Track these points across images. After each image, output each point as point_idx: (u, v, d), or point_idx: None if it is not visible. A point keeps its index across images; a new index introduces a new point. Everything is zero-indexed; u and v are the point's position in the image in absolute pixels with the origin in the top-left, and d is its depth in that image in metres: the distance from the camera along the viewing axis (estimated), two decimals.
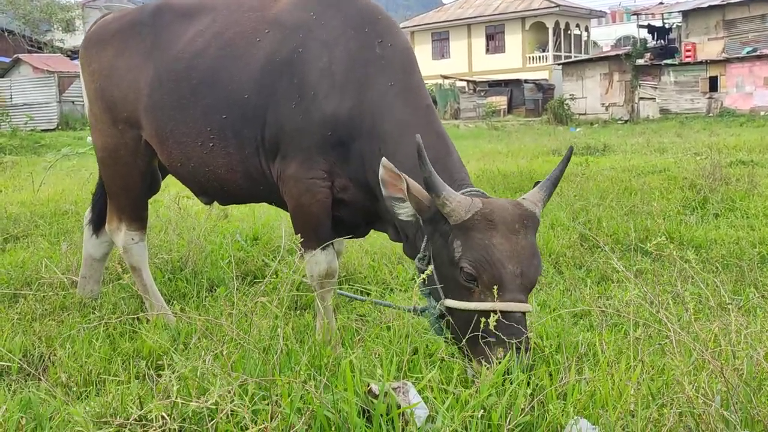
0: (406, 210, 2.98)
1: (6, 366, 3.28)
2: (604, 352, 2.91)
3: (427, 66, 41.07)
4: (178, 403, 2.28)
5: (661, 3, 37.03)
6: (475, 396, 2.42)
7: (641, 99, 33.33)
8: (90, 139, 4.50)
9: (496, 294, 2.67)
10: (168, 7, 3.94)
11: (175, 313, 3.77)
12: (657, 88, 32.85)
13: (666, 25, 36.17)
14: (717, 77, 31.15)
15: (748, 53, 30.36)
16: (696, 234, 5.80)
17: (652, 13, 36.65)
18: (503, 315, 2.64)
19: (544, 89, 38.28)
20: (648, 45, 34.97)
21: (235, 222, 6.79)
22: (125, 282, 4.45)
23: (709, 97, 31.19)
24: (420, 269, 3.01)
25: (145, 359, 3.36)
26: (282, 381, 2.40)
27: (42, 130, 25.55)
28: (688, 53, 31.88)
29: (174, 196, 6.53)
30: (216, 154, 3.65)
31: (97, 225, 4.38)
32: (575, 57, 40.01)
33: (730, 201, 7.11)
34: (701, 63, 31.58)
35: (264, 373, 2.55)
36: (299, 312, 4.25)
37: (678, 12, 33.61)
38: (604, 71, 34.52)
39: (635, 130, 24.42)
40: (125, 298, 4.42)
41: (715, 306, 3.05)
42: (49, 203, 7.86)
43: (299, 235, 3.34)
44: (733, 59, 30.66)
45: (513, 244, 2.76)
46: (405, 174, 2.93)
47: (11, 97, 28.96)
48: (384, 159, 2.94)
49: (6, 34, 35.94)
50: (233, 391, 2.29)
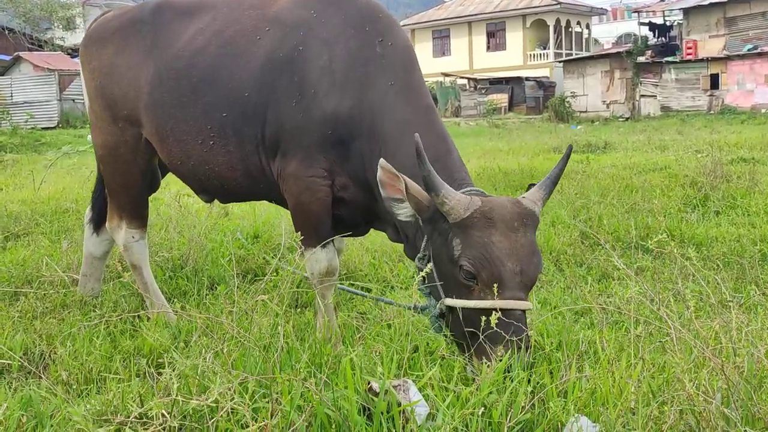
0: (405, 210, 2.97)
1: (7, 364, 3.29)
2: (604, 349, 2.91)
3: (428, 64, 41.05)
4: (178, 401, 2.28)
5: (662, 0, 36.96)
6: (476, 394, 2.42)
7: (642, 96, 33.27)
8: (90, 137, 4.49)
9: (495, 292, 2.67)
10: (168, 5, 3.94)
11: (176, 311, 3.78)
12: (658, 85, 32.79)
13: (667, 23, 36.10)
14: (718, 75, 31.08)
15: (749, 50, 30.27)
16: (697, 231, 5.80)
17: (653, 11, 36.55)
18: (503, 313, 2.63)
19: (545, 87, 38.22)
20: (649, 42, 34.90)
21: (236, 220, 6.79)
22: (126, 280, 4.47)
23: (710, 95, 31.13)
24: (420, 269, 3.00)
25: (146, 357, 3.36)
26: (282, 379, 2.40)
27: (42, 128, 25.51)
28: (689, 51, 31.82)
29: (175, 194, 6.53)
30: (216, 152, 3.65)
31: (98, 223, 4.39)
32: (576, 54, 39.92)
33: (731, 198, 7.10)
34: (702, 60, 31.51)
35: (264, 371, 2.55)
36: (300, 310, 4.25)
37: (679, 9, 33.51)
38: (605, 69, 34.46)
39: (636, 127, 24.40)
40: (126, 296, 4.42)
41: (716, 303, 3.04)
42: (50, 201, 7.86)
43: (299, 233, 3.34)
44: (734, 56, 30.59)
45: (512, 241, 2.76)
46: (406, 173, 2.93)
47: (12, 95, 28.94)
48: (382, 160, 2.93)
49: (6, 32, 35.92)
50: (233, 389, 2.29)
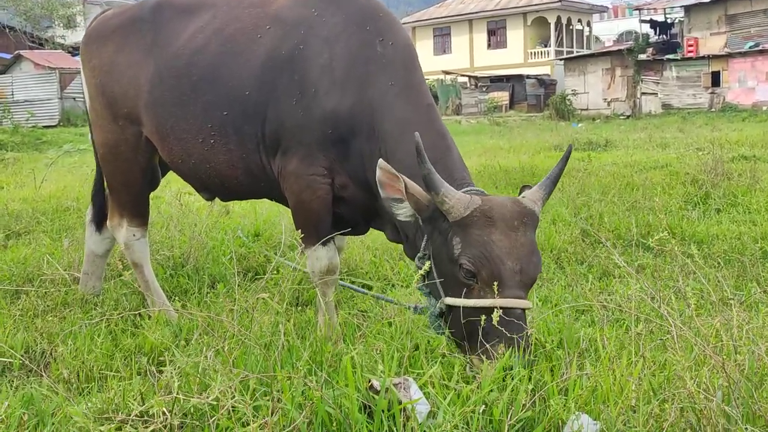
0: (404, 210, 2.97)
1: (8, 362, 3.29)
2: (605, 347, 2.90)
3: (429, 62, 41.06)
4: (179, 399, 2.28)
5: None
6: (477, 392, 2.43)
7: (643, 94, 33.24)
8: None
9: (495, 290, 2.66)
10: (168, 4, 3.94)
11: (177, 310, 3.78)
12: (659, 83, 32.76)
13: (668, 20, 36.06)
14: (719, 72, 31.05)
15: (750, 48, 30.24)
16: (698, 229, 5.79)
17: (654, 8, 36.52)
18: (503, 311, 2.63)
19: (545, 85, 38.19)
20: (650, 40, 34.85)
21: (237, 218, 6.79)
22: (127, 278, 4.48)
23: (712, 93, 31.10)
24: (420, 268, 3.00)
25: (147, 355, 3.36)
26: (283, 376, 2.40)
27: (43, 126, 25.51)
28: (690, 48, 31.78)
29: (175, 192, 6.53)
30: (217, 150, 3.65)
31: (99, 221, 4.39)
32: (577, 52, 39.89)
33: (732, 196, 7.09)
34: (703, 58, 31.47)
35: (265, 369, 2.55)
36: (300, 308, 4.25)
37: (680, 7, 33.47)
38: (606, 66, 34.42)
39: (637, 125, 24.38)
40: (127, 294, 4.42)
41: (717, 301, 3.05)
42: (51, 200, 7.87)
43: (300, 231, 3.34)
44: (736, 54, 30.55)
45: (512, 240, 2.76)
46: (406, 172, 2.93)
47: (12, 94, 28.92)
48: (381, 160, 2.93)
49: (7, 30, 35.90)
50: (234, 387, 2.30)
